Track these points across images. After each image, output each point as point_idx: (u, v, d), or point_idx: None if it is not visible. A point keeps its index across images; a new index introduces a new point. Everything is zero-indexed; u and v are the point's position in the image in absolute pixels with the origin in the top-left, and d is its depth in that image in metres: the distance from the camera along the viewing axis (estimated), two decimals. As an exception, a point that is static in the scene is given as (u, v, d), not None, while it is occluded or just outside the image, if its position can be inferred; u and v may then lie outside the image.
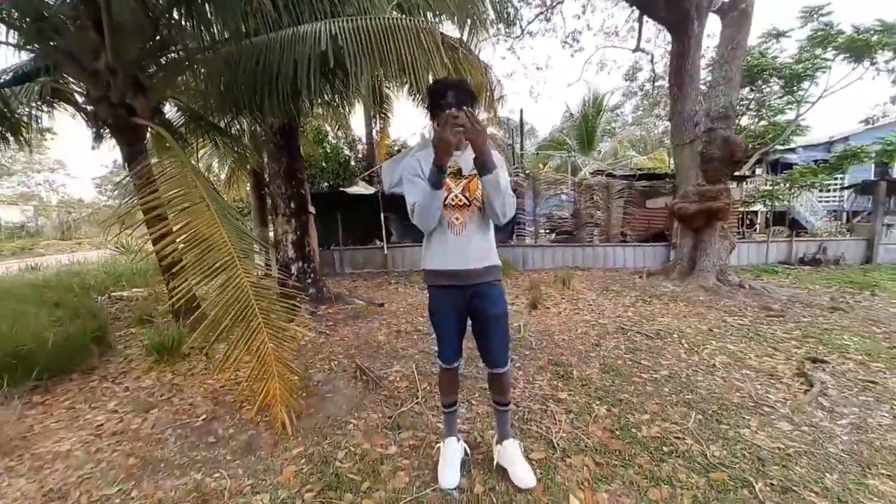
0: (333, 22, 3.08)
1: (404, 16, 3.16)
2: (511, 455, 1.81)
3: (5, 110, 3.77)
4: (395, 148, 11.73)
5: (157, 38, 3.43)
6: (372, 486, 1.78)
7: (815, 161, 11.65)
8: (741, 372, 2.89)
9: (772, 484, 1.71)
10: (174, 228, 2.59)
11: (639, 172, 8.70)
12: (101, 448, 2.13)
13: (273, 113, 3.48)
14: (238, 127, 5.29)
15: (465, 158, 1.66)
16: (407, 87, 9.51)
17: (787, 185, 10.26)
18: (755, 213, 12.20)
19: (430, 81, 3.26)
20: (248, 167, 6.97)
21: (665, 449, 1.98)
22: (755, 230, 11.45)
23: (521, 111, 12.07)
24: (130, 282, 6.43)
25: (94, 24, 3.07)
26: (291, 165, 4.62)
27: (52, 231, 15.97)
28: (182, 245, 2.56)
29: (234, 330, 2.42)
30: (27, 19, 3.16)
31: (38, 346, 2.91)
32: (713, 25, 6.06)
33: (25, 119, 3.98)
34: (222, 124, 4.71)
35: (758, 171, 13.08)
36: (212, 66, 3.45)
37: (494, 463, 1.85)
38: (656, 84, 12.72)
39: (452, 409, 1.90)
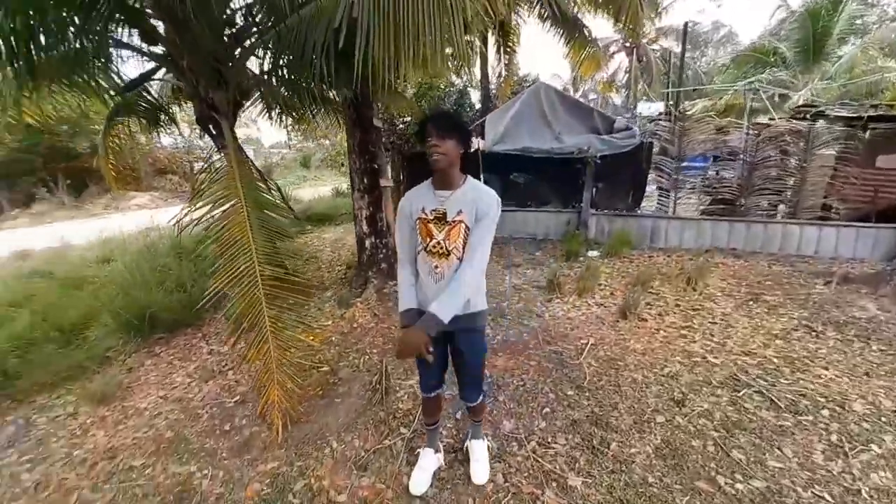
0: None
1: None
2: (475, 452, 2.05)
3: (155, 102, 4.69)
4: (527, 84, 10.36)
5: (226, 34, 3.59)
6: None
7: None
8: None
9: None
10: (212, 237, 2.82)
11: (870, 112, 5.50)
12: (161, 413, 2.69)
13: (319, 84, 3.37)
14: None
15: (451, 201, 1.60)
16: (538, 8, 8.09)
17: None
18: None
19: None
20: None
21: None
22: None
23: (686, 26, 8.70)
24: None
25: (169, 29, 3.37)
26: (364, 139, 4.53)
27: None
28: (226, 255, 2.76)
29: (250, 333, 2.60)
30: (140, 29, 3.68)
31: (169, 303, 3.82)
32: None
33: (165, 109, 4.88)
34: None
35: None
36: (268, 48, 3.47)
37: (463, 447, 2.14)
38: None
39: (433, 428, 2.05)
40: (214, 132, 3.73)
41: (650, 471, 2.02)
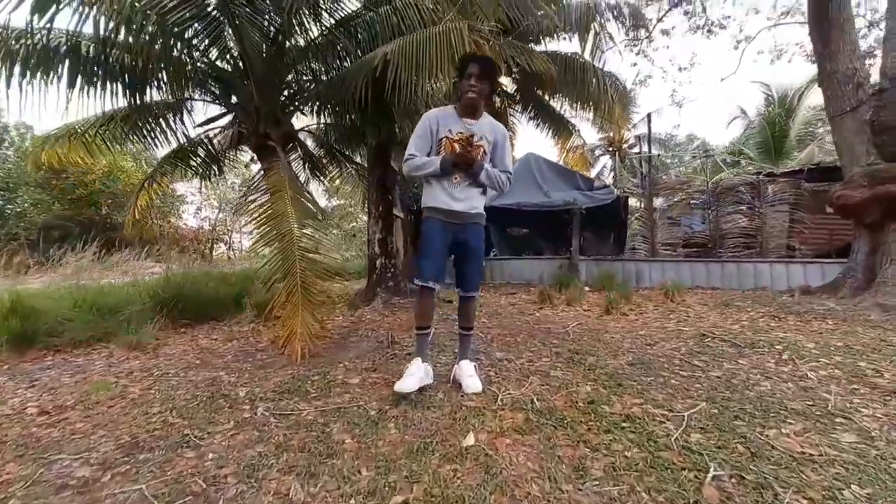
0: (389, 43, 3.73)
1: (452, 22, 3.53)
2: (465, 370, 2.11)
3: (211, 152, 5.73)
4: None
5: (285, 89, 4.76)
6: (318, 397, 2.04)
7: None
8: (841, 384, 1.99)
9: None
10: (259, 212, 3.48)
11: (810, 166, 6.55)
12: (189, 353, 3.01)
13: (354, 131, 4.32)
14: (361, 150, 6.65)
15: (476, 127, 2.05)
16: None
17: None
18: None
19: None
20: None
21: (625, 425, 1.61)
22: None
23: (649, 116, 10.42)
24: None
25: (249, 82, 4.51)
26: (383, 177, 5.45)
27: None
28: (270, 223, 3.39)
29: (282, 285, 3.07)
30: (220, 84, 4.85)
31: (198, 299, 4.28)
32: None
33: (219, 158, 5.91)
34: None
35: None
36: (315, 101, 4.57)
37: (452, 378, 2.16)
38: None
39: (425, 332, 2.14)
40: (266, 157, 4.64)
41: (622, 370, 2.34)
